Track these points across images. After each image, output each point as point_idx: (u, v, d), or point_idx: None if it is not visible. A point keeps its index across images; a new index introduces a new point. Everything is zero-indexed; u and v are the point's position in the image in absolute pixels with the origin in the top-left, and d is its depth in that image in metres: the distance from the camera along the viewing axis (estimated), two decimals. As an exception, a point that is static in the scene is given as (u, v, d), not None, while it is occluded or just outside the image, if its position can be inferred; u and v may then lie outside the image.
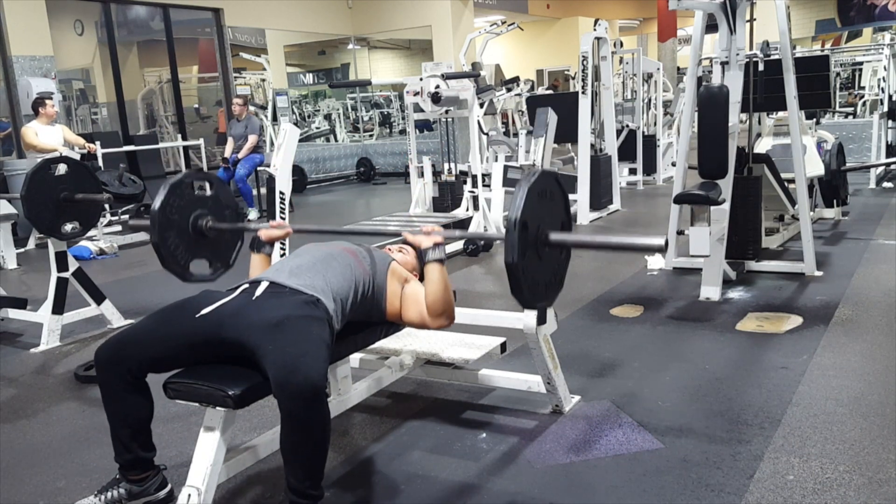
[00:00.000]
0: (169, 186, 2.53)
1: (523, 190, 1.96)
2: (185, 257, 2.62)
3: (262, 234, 2.57)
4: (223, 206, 2.74)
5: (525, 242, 1.96)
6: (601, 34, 7.16)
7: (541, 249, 2.06)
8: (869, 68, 12.98)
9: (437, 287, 2.30)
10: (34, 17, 8.37)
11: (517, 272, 1.94)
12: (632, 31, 24.13)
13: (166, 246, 2.56)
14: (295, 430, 1.89)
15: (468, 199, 6.09)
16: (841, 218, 6.20)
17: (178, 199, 2.56)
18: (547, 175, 2.09)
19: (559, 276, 2.24)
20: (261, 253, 2.57)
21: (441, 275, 2.31)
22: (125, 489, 2.16)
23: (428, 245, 2.32)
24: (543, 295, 2.18)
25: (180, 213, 2.58)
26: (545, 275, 2.13)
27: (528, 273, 2.01)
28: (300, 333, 1.99)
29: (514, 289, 1.99)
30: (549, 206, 2.12)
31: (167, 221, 2.53)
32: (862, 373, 3.03)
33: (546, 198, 2.09)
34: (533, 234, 2.01)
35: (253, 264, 2.56)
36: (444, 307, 2.32)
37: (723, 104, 3.80)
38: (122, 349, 2.07)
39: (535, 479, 2.32)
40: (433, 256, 2.31)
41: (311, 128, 14.46)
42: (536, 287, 2.08)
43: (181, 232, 2.59)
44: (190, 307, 2.14)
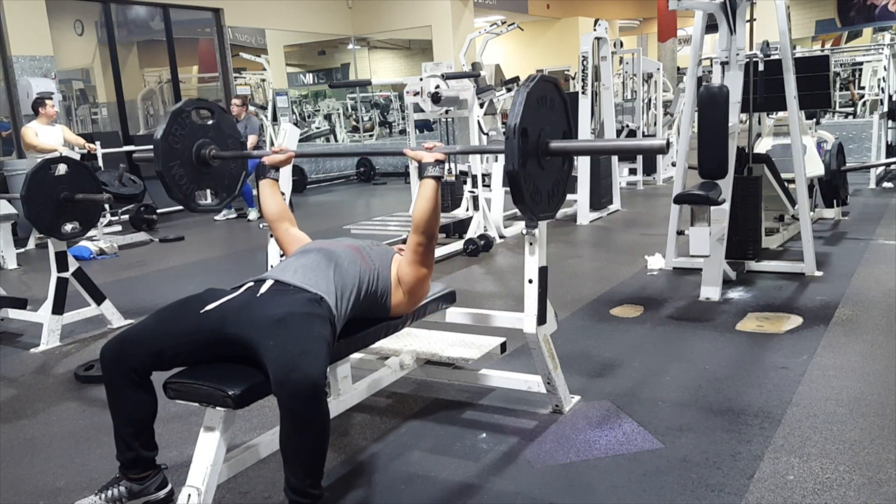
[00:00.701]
0: (171, 114, 2.51)
1: (522, 95, 1.93)
2: (190, 186, 2.61)
3: (266, 160, 2.66)
4: (226, 135, 2.73)
5: (526, 150, 1.94)
6: (601, 34, 7.16)
7: (542, 158, 2.04)
8: (869, 68, 12.98)
9: (426, 202, 2.34)
10: (34, 17, 8.37)
11: (518, 180, 1.93)
12: (632, 31, 24.13)
13: (171, 175, 2.55)
14: (295, 428, 1.89)
15: (468, 199, 6.10)
16: (841, 218, 6.20)
17: (180, 127, 2.55)
18: (546, 81, 2.06)
19: (561, 185, 2.23)
20: (267, 178, 2.66)
21: (433, 190, 2.35)
22: (125, 488, 2.16)
23: (428, 160, 2.36)
24: (545, 206, 2.17)
25: (183, 141, 2.57)
26: (547, 184, 2.11)
27: (530, 181, 1.99)
28: (301, 331, 1.99)
29: (515, 198, 1.99)
30: (550, 113, 2.09)
31: (170, 150, 2.52)
32: (862, 373, 3.03)
33: (546, 105, 2.06)
34: (534, 141, 1.99)
35: (264, 192, 2.64)
36: (427, 223, 2.36)
37: (723, 104, 3.80)
38: (126, 347, 2.07)
39: (535, 479, 2.32)
40: (431, 172, 2.36)
41: (311, 128, 14.47)
42: (538, 196, 2.06)
43: (185, 161, 2.58)
44: (194, 304, 2.15)
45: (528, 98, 1.93)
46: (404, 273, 2.45)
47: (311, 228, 2.73)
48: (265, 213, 2.68)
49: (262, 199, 2.65)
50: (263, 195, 2.65)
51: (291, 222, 2.68)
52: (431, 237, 2.41)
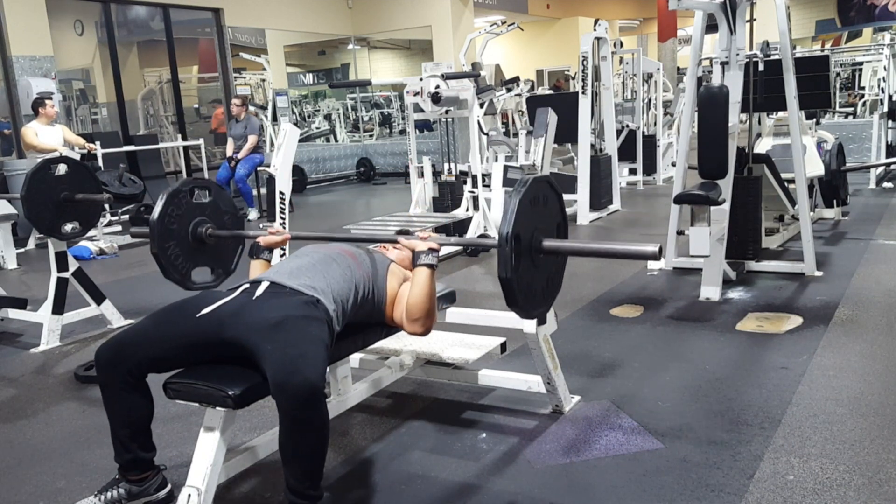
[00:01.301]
0: (167, 196, 2.53)
1: (514, 202, 1.94)
2: (186, 266, 2.63)
3: (261, 240, 2.58)
4: (222, 211, 2.74)
5: (519, 253, 1.95)
6: (601, 34, 7.16)
7: (535, 257, 2.05)
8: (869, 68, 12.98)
9: (420, 291, 2.26)
10: (34, 17, 8.37)
11: (511, 285, 1.93)
12: (632, 31, 24.13)
13: (166, 256, 2.57)
14: (293, 430, 1.89)
15: (468, 199, 6.09)
16: (841, 218, 6.20)
17: (176, 208, 2.57)
18: (539, 181, 2.06)
19: (555, 281, 2.23)
20: (260, 259, 2.58)
21: (428, 280, 2.27)
22: (125, 489, 2.16)
23: (422, 249, 2.30)
24: (540, 302, 2.17)
25: (179, 221, 2.58)
26: (540, 282, 2.12)
27: (523, 283, 2.00)
28: (299, 334, 1.99)
29: (509, 301, 1.98)
30: (543, 211, 2.10)
31: (166, 231, 2.54)
32: (862, 373, 3.03)
33: (539, 204, 2.07)
34: (527, 242, 2.00)
35: (253, 270, 2.56)
36: (421, 313, 2.27)
37: (723, 104, 3.80)
38: (122, 349, 2.07)
39: (535, 479, 2.32)
40: (424, 261, 2.29)
41: (311, 128, 14.46)
42: (532, 295, 2.07)
43: (181, 240, 2.60)
44: (190, 307, 2.14)
45: (521, 203, 1.93)
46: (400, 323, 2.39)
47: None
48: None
49: (252, 276, 2.52)
50: (253, 274, 2.54)
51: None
52: (428, 327, 2.33)
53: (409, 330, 2.33)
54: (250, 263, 2.60)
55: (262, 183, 8.67)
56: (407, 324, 2.32)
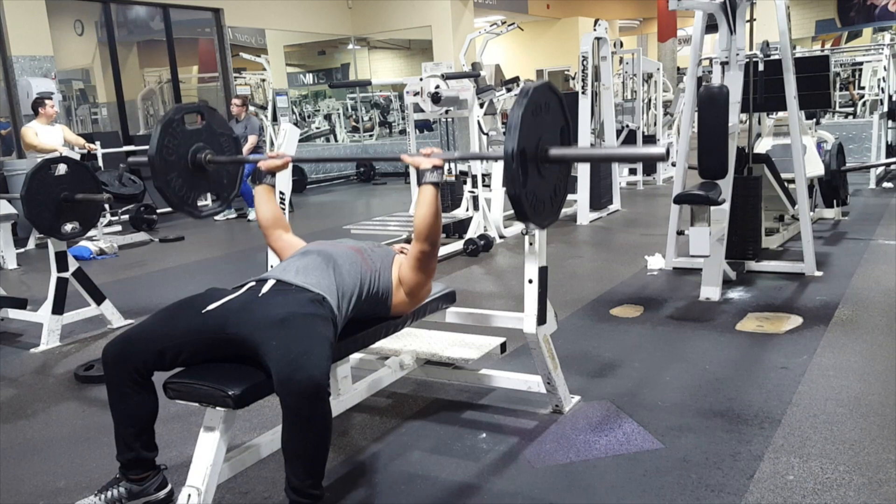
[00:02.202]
0: (161, 127, 2.50)
1: (517, 115, 1.91)
2: (190, 194, 2.62)
3: (262, 165, 2.63)
4: (218, 134, 2.73)
5: (525, 166, 1.94)
6: (601, 34, 7.16)
7: (541, 166, 2.03)
8: (869, 68, 12.98)
9: (426, 209, 2.31)
10: (34, 17, 8.37)
11: (521, 199, 1.92)
12: (632, 31, 24.13)
13: (170, 188, 2.55)
14: (297, 427, 1.89)
15: (468, 199, 6.10)
16: (841, 218, 6.19)
17: (171, 138, 2.54)
18: (539, 89, 2.04)
19: (561, 187, 2.22)
20: (263, 184, 2.63)
21: (433, 197, 2.32)
22: (125, 489, 2.16)
23: (426, 166, 2.33)
24: (549, 211, 2.16)
25: (177, 151, 2.56)
26: (548, 190, 2.10)
27: (531, 195, 1.99)
28: (304, 331, 1.99)
29: (519, 214, 1.98)
30: (547, 118, 2.07)
31: (166, 163, 2.52)
32: (862, 373, 3.03)
33: (543, 111, 2.04)
34: (532, 153, 1.98)
35: (258, 196, 2.62)
36: (428, 231, 2.33)
37: (723, 104, 3.80)
38: (128, 347, 2.07)
39: (535, 479, 2.32)
40: (429, 178, 2.32)
41: (311, 128, 14.47)
42: (541, 205, 2.06)
43: (181, 170, 2.58)
44: (195, 304, 2.15)
45: (523, 116, 1.92)
46: (406, 277, 2.45)
47: (311, 228, 2.74)
48: (259, 220, 2.65)
49: (257, 204, 2.63)
50: (258, 201, 2.63)
51: (285, 229, 2.66)
52: (434, 244, 2.39)
53: (417, 249, 2.38)
54: (256, 191, 2.64)
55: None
56: (415, 243, 2.39)
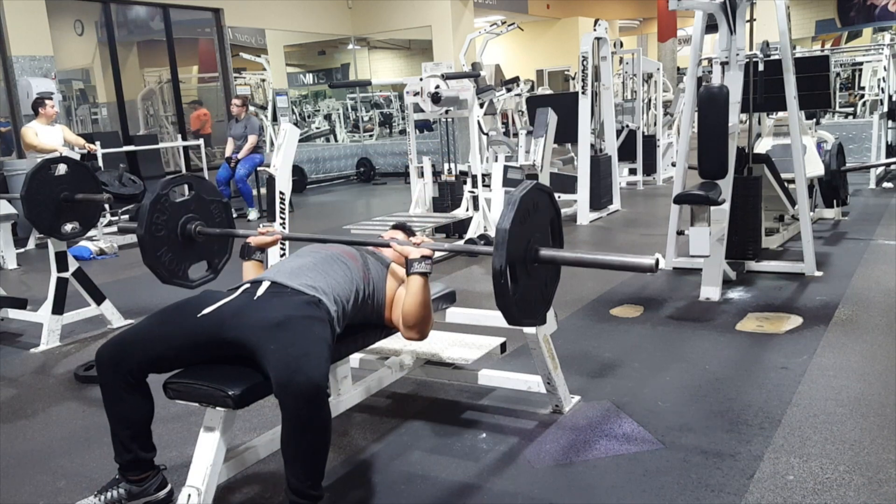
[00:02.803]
0: (149, 205, 2.53)
1: (504, 229, 1.92)
2: (182, 267, 2.63)
3: (251, 240, 2.58)
4: (207, 202, 2.74)
5: (514, 275, 1.94)
6: (601, 34, 7.16)
7: (531, 267, 2.04)
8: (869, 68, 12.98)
9: (415, 299, 2.27)
10: (34, 17, 8.37)
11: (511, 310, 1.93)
12: (632, 31, 24.14)
13: (161, 263, 2.57)
14: (296, 429, 1.89)
15: (468, 199, 6.09)
16: (841, 218, 6.19)
17: (160, 213, 2.56)
18: (526, 196, 2.04)
19: (551, 284, 2.23)
20: (252, 260, 2.57)
21: (422, 288, 2.27)
22: (125, 489, 2.15)
23: (415, 256, 2.30)
24: (538, 308, 2.16)
25: (166, 225, 2.58)
26: (538, 289, 2.11)
27: (521, 301, 1.99)
28: (302, 333, 1.99)
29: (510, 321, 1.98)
30: (535, 218, 2.08)
31: (155, 240, 2.54)
32: (862, 373, 3.03)
33: (531, 213, 2.05)
34: (521, 257, 1.99)
35: (246, 272, 2.55)
36: (416, 320, 2.29)
37: (723, 104, 3.80)
38: (122, 349, 2.07)
39: (535, 479, 2.32)
40: (417, 269, 2.28)
41: (311, 128, 14.45)
42: (530, 305, 2.06)
43: (171, 244, 2.60)
44: (191, 307, 2.14)
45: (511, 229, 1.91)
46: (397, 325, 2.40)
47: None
48: None
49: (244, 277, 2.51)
50: (246, 275, 2.53)
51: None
52: (423, 333, 2.34)
53: (407, 336, 2.36)
54: (242, 265, 2.58)
55: (262, 183, 8.67)
56: (403, 330, 2.35)
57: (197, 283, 2.70)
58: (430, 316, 2.32)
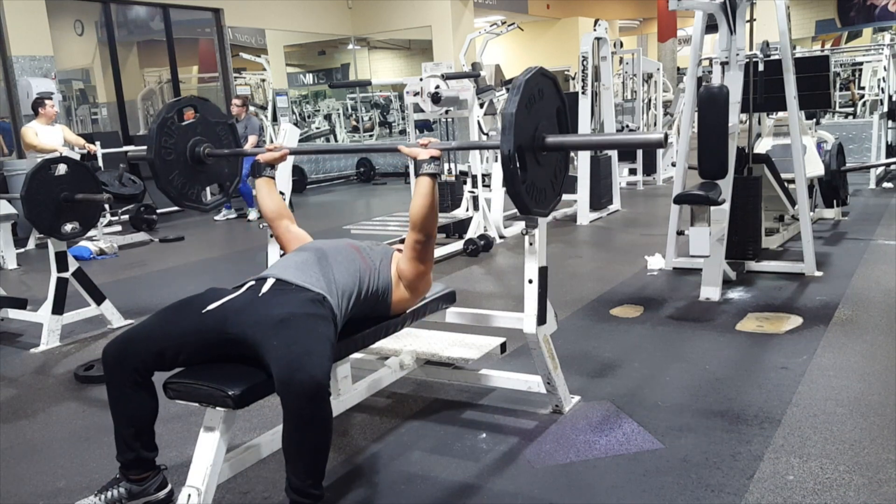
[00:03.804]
0: (157, 129, 2.53)
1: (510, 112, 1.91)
2: (194, 190, 2.63)
3: (261, 158, 2.66)
4: (213, 123, 2.74)
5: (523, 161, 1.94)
6: (601, 34, 7.16)
7: (539, 155, 2.03)
8: (869, 68, 12.98)
9: (422, 199, 2.34)
10: (34, 17, 8.37)
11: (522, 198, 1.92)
12: (632, 32, 24.13)
13: (173, 186, 2.56)
14: (297, 427, 1.89)
15: (468, 199, 6.09)
16: (841, 218, 6.20)
17: (168, 137, 2.55)
18: (531, 80, 2.04)
19: (561, 170, 2.23)
20: (263, 177, 2.65)
21: (430, 187, 2.34)
22: (125, 489, 2.15)
23: (424, 157, 2.35)
24: (550, 198, 2.17)
25: (175, 149, 2.58)
26: (548, 177, 2.10)
27: (530, 187, 1.98)
28: (305, 331, 1.99)
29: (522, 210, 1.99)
30: (541, 105, 2.07)
31: (165, 163, 2.53)
32: (862, 373, 3.03)
33: (536, 100, 2.04)
34: (529, 145, 1.98)
35: (259, 190, 2.64)
36: (424, 220, 2.36)
37: (723, 104, 3.79)
38: (128, 347, 2.07)
39: (535, 479, 2.32)
40: (426, 169, 2.35)
41: (311, 128, 14.46)
42: (542, 194, 2.06)
43: (182, 167, 2.60)
44: (195, 304, 2.15)
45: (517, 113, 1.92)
46: (404, 270, 2.45)
47: (311, 228, 2.74)
48: (263, 212, 2.68)
49: (260, 197, 2.66)
50: (261, 193, 2.66)
51: (291, 220, 2.69)
52: (430, 235, 2.41)
53: (413, 238, 2.40)
54: (257, 185, 2.66)
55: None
56: (410, 233, 2.41)
57: (211, 206, 2.72)
58: (436, 217, 2.39)
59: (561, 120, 2.22)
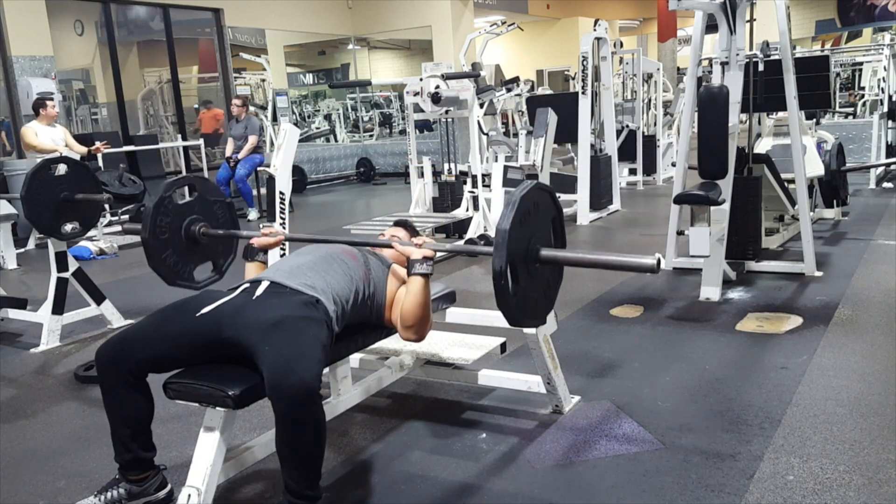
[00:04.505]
0: (152, 208, 2.53)
1: (504, 229, 1.91)
2: (187, 269, 2.64)
3: (254, 241, 2.59)
4: (210, 203, 2.74)
5: (516, 275, 1.94)
6: (601, 34, 7.16)
7: (532, 267, 2.03)
8: (869, 68, 12.98)
9: (415, 300, 2.27)
10: (34, 17, 8.37)
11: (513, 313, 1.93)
12: (632, 32, 24.14)
13: (166, 266, 2.57)
14: (289, 431, 1.88)
15: (468, 199, 6.09)
16: (841, 218, 6.20)
17: (163, 216, 2.57)
18: (526, 196, 2.03)
19: (553, 284, 2.22)
20: (255, 261, 2.58)
21: (422, 289, 2.27)
22: (125, 489, 2.15)
23: (417, 257, 2.29)
24: (542, 309, 2.15)
25: (170, 228, 2.59)
26: (540, 289, 2.11)
27: (522, 301, 1.98)
28: (297, 334, 1.98)
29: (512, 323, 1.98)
30: (536, 218, 2.07)
31: (159, 243, 2.54)
32: (862, 373, 3.03)
33: (531, 213, 2.04)
34: (522, 257, 1.98)
35: (248, 273, 2.56)
36: (415, 321, 2.29)
37: (723, 104, 3.80)
38: (122, 349, 2.07)
39: (535, 479, 2.32)
40: (419, 270, 2.28)
41: (311, 128, 14.46)
42: (533, 306, 2.06)
43: (176, 246, 2.61)
44: (190, 306, 2.14)
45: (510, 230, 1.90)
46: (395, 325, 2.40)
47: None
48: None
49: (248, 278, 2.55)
50: (249, 277, 2.52)
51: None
52: (421, 334, 2.34)
53: (404, 336, 2.35)
54: (245, 266, 2.59)
55: (262, 183, 8.67)
56: (401, 330, 2.34)
57: (202, 285, 2.71)
58: (429, 317, 2.32)
59: (556, 230, 2.20)
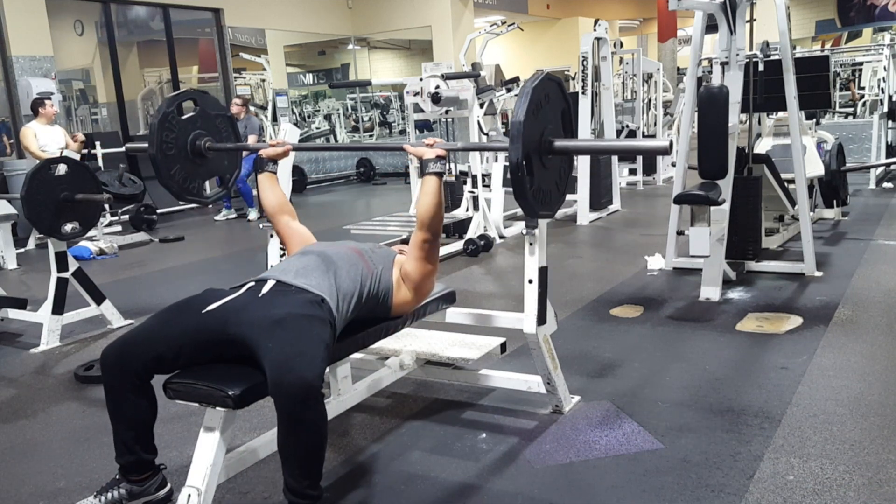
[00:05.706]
0: (157, 124, 2.54)
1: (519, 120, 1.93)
2: (196, 184, 2.65)
3: (263, 153, 2.67)
4: (213, 116, 2.75)
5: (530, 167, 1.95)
6: (601, 34, 7.16)
7: (545, 159, 2.04)
8: (869, 68, 12.99)
9: (429, 199, 2.36)
10: (34, 17, 8.37)
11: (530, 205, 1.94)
12: (632, 32, 24.13)
13: (175, 181, 2.57)
14: (290, 429, 1.88)
15: (468, 199, 6.09)
16: (841, 218, 6.20)
17: (169, 132, 2.56)
18: (538, 87, 2.05)
19: (566, 173, 2.24)
20: (266, 171, 2.66)
21: (436, 186, 2.36)
22: (125, 489, 2.15)
23: (430, 157, 2.37)
24: (556, 200, 2.18)
25: (176, 143, 2.59)
26: (553, 179, 2.12)
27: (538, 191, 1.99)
28: (300, 332, 1.99)
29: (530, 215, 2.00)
30: (548, 109, 2.09)
31: (167, 158, 2.55)
32: (862, 373, 3.03)
33: (543, 104, 2.05)
34: (535, 149, 1.99)
35: (261, 185, 2.65)
36: (431, 219, 2.38)
37: (723, 104, 3.79)
38: (128, 350, 2.06)
39: (535, 479, 2.32)
40: (432, 168, 2.37)
41: (311, 128, 14.45)
42: (547, 197, 2.07)
43: (183, 161, 2.61)
44: (195, 305, 2.14)
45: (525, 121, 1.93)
46: (410, 270, 2.45)
47: (310, 228, 2.74)
48: (265, 207, 2.68)
49: (262, 192, 2.66)
50: (262, 189, 2.66)
51: (292, 216, 2.69)
52: (436, 233, 2.42)
53: (419, 238, 2.41)
54: (258, 179, 2.66)
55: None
56: (417, 231, 2.43)
57: (211, 199, 2.73)
58: (442, 216, 2.42)
59: (566, 121, 2.23)
